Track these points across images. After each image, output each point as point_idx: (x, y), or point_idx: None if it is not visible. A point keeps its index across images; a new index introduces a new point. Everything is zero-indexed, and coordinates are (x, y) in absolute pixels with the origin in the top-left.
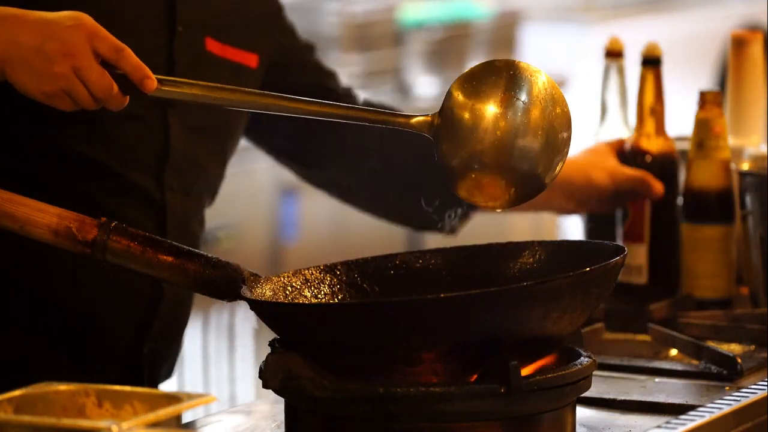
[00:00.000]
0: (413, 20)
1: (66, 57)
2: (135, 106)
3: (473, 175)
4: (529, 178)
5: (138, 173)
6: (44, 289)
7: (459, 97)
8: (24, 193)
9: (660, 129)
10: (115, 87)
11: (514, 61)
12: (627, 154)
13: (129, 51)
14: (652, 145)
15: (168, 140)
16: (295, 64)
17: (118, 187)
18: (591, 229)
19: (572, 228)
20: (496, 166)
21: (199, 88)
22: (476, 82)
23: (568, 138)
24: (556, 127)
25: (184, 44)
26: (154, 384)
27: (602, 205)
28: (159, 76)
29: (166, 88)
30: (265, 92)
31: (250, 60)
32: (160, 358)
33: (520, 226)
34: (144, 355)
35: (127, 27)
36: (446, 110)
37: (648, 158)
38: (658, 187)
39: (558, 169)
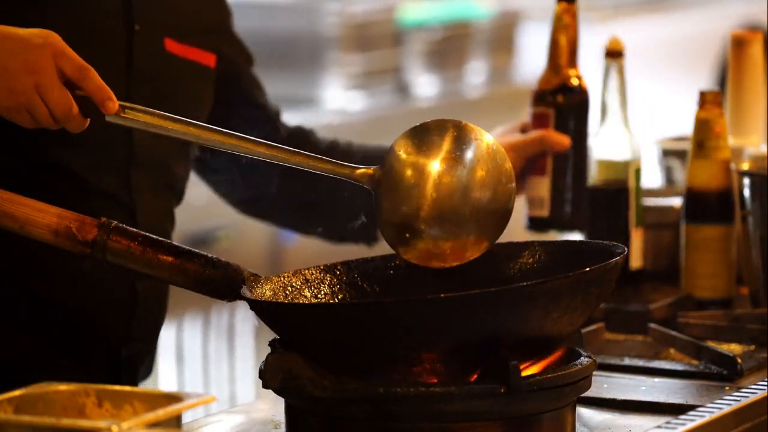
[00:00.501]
0: (413, 20)
1: (29, 74)
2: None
3: (409, 234)
4: (472, 238)
5: (105, 176)
6: (25, 288)
7: (401, 153)
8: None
9: (570, 62)
10: (75, 108)
11: (460, 122)
12: (538, 92)
13: (93, 72)
14: (560, 79)
15: (133, 142)
16: (233, 72)
17: (86, 191)
18: (591, 228)
19: None
20: (435, 226)
21: (159, 117)
22: (419, 140)
23: (512, 192)
24: (500, 185)
25: (143, 44)
26: (134, 384)
27: (521, 180)
28: (121, 103)
29: (126, 115)
30: (222, 130)
31: (209, 60)
32: (139, 360)
33: (520, 226)
34: (122, 358)
35: (86, 27)
36: (388, 166)
37: (559, 97)
38: (561, 140)
39: (503, 227)
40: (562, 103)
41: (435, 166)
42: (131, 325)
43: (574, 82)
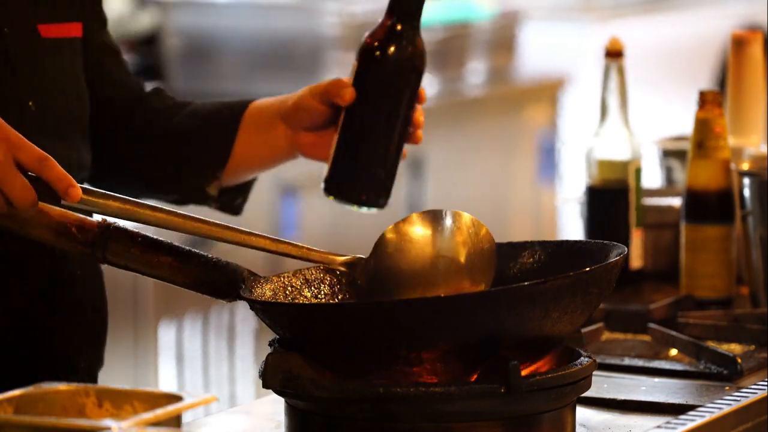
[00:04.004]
0: None
1: None
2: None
3: None
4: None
5: None
6: None
7: (386, 249)
8: None
9: (397, 14)
10: (35, 196)
11: (442, 211)
12: (361, 43)
13: (52, 161)
14: (377, 32)
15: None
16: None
17: None
18: (591, 228)
19: (572, 228)
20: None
21: (120, 201)
22: (401, 236)
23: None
24: (480, 247)
25: (18, 43)
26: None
27: (326, 123)
28: (81, 186)
29: (87, 197)
30: (189, 215)
31: (76, 29)
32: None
33: (520, 226)
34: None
35: None
36: (375, 258)
37: (374, 47)
38: (342, 91)
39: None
40: (367, 58)
41: (418, 265)
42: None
43: (395, 39)
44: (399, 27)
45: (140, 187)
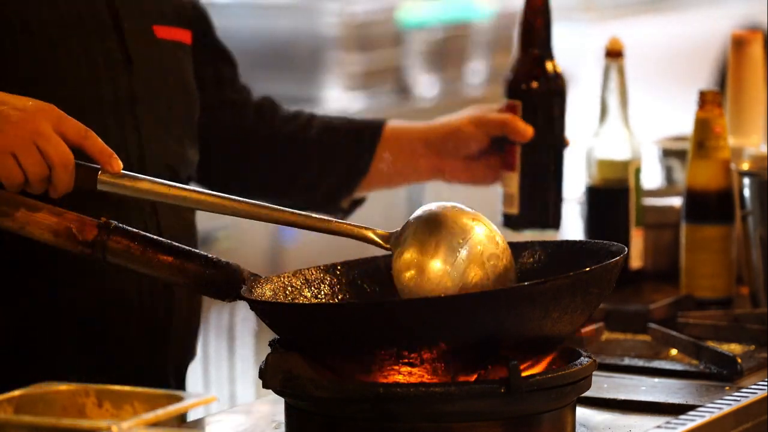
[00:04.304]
0: (413, 20)
1: (27, 122)
2: (104, 118)
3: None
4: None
5: None
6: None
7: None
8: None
9: (543, 49)
10: (73, 162)
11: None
12: (508, 81)
13: (94, 135)
14: (532, 68)
15: (142, 140)
16: (201, 41)
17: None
18: (591, 228)
19: (572, 228)
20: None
21: (150, 183)
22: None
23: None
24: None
25: (135, 40)
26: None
27: (488, 157)
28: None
29: (120, 181)
30: (223, 195)
31: (187, 36)
32: (182, 361)
33: None
34: (167, 367)
35: (77, 43)
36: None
37: (527, 84)
38: (524, 129)
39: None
40: (532, 95)
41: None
42: (168, 338)
43: (547, 71)
44: (543, 58)
45: (256, 191)
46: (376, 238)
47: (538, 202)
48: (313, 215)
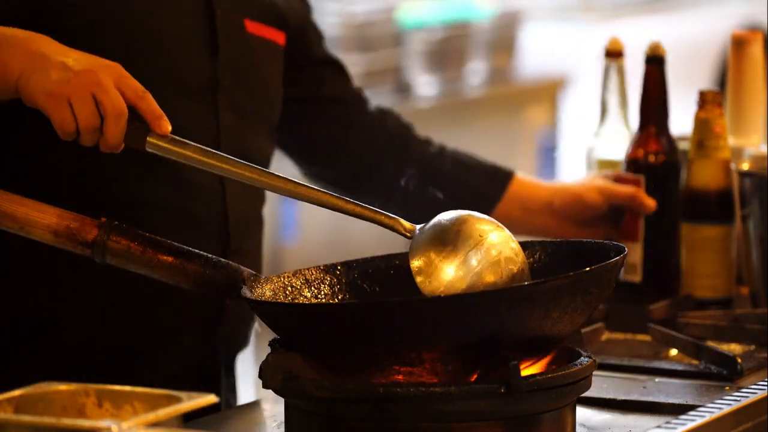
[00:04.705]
0: (413, 20)
1: (88, 74)
2: (183, 99)
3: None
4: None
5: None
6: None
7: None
8: (73, 191)
9: (662, 130)
10: (126, 114)
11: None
12: (630, 158)
13: (150, 96)
14: (655, 146)
15: (219, 129)
16: (305, 44)
17: (174, 180)
18: None
19: None
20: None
21: (198, 151)
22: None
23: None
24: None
25: (225, 27)
26: (232, 356)
27: (600, 224)
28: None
29: (167, 144)
30: (263, 170)
31: (280, 37)
32: (234, 350)
33: None
34: (219, 366)
35: (168, 18)
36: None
37: (651, 158)
38: (649, 203)
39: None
40: (655, 170)
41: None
42: (216, 338)
43: (667, 146)
44: (662, 133)
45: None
46: (402, 230)
47: (662, 270)
48: (344, 198)
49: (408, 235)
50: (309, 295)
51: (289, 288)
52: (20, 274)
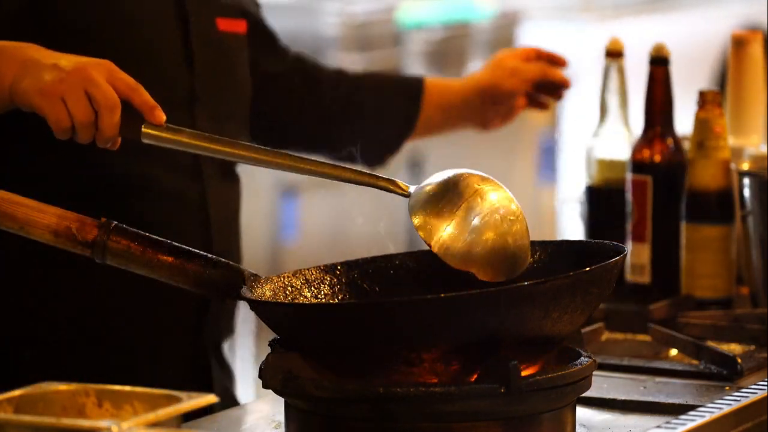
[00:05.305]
0: (413, 20)
1: (79, 71)
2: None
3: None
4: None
5: (177, 171)
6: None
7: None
8: (62, 194)
9: (668, 130)
10: (119, 107)
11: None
12: (635, 157)
13: (142, 88)
14: (661, 147)
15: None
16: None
17: (155, 189)
18: (591, 229)
19: (572, 228)
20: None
21: (193, 136)
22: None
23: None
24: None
25: (199, 32)
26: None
27: (515, 103)
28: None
29: (163, 133)
30: (256, 146)
31: (242, 26)
32: (220, 338)
33: None
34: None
35: (142, 37)
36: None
37: (657, 159)
38: (561, 75)
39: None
40: (661, 170)
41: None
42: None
43: (672, 147)
44: (668, 133)
45: (305, 148)
46: (398, 189)
47: (670, 271)
48: (340, 166)
49: (405, 194)
50: (309, 295)
51: (289, 288)
52: (19, 272)
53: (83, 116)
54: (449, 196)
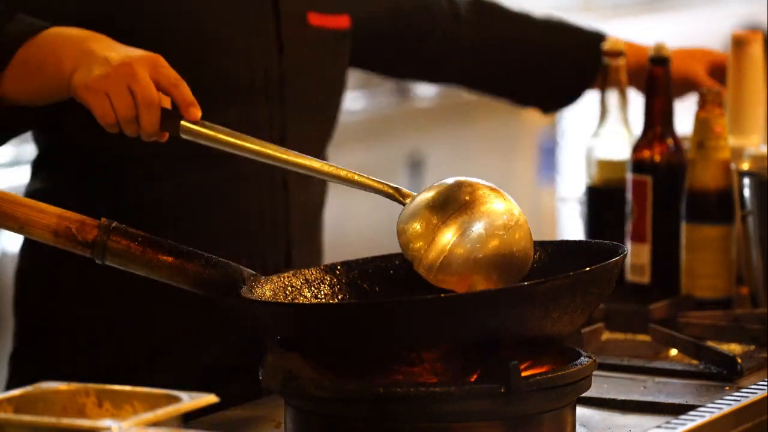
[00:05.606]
0: None
1: (124, 66)
2: (250, 94)
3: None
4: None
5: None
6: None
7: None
8: (144, 181)
9: (668, 130)
10: (159, 103)
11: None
12: (635, 157)
13: (184, 84)
14: (661, 147)
15: (285, 117)
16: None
17: (237, 174)
18: (591, 229)
19: (572, 228)
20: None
21: (229, 134)
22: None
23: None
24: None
25: (290, 25)
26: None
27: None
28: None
29: (200, 129)
30: (282, 149)
31: (343, 21)
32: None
33: None
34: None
35: (233, 19)
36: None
37: (657, 159)
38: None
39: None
40: (662, 170)
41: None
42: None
43: (673, 146)
44: (668, 133)
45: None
46: (398, 195)
47: (670, 271)
48: (348, 170)
49: (404, 202)
50: (309, 295)
51: (289, 288)
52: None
53: (125, 112)
54: (440, 206)
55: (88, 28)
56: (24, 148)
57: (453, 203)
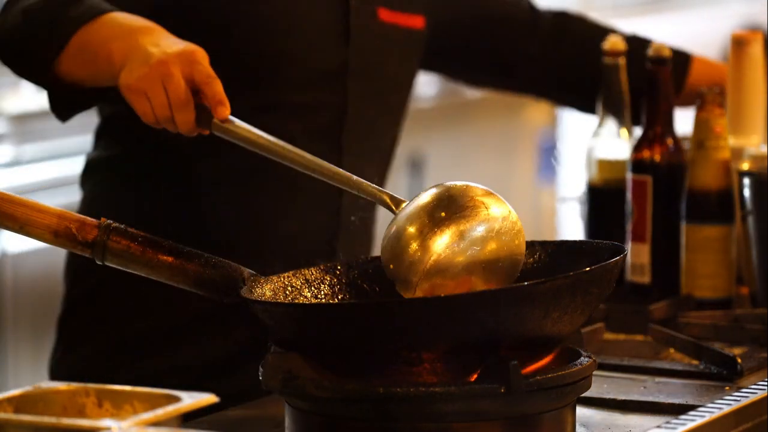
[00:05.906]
0: None
1: (161, 65)
2: (313, 73)
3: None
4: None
5: (316, 139)
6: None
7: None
8: (195, 164)
9: (668, 130)
10: (191, 100)
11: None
12: (635, 157)
13: (216, 81)
14: (661, 146)
15: (346, 104)
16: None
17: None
18: (591, 229)
19: (572, 228)
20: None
21: (255, 135)
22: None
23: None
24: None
25: (358, 17)
26: None
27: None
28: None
29: (230, 126)
30: (310, 156)
31: (417, 21)
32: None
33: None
34: None
35: (303, 11)
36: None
37: (657, 159)
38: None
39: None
40: (662, 170)
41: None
42: None
43: (673, 146)
44: (668, 133)
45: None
46: (390, 203)
47: (670, 271)
48: (347, 173)
49: (394, 208)
50: (309, 295)
51: (289, 288)
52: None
53: (162, 111)
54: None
55: (162, 14)
56: (24, 148)
57: (432, 220)
